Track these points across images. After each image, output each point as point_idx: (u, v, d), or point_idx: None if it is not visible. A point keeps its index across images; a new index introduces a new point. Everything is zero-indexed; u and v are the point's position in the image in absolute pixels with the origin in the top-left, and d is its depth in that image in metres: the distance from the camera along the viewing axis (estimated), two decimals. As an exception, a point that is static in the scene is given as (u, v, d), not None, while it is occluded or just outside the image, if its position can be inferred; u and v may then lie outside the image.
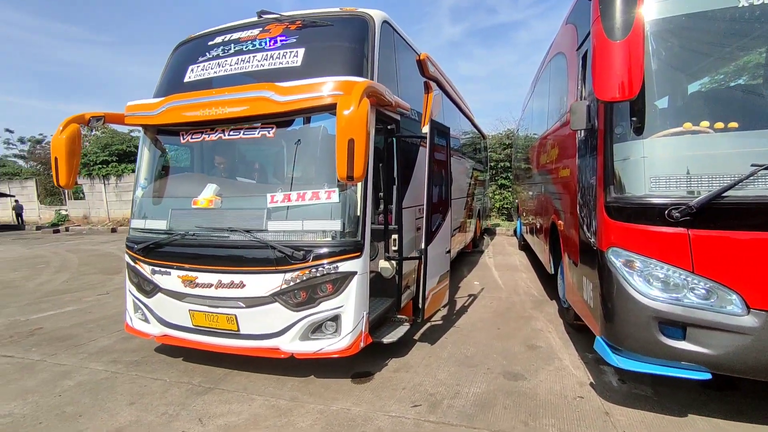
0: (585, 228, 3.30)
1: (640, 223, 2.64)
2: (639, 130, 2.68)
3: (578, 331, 4.56)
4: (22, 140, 31.56)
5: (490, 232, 15.10)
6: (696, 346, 2.54)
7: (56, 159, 3.69)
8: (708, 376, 2.58)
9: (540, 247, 6.64)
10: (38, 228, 20.73)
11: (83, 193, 22.00)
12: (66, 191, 23.05)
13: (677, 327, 2.59)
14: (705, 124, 2.60)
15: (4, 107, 62.93)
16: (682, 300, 2.57)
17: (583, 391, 3.32)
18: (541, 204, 6.29)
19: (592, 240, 3.09)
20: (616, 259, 2.75)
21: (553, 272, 5.58)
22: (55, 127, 3.74)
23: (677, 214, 2.50)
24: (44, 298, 6.80)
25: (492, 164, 17.22)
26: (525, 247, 10.44)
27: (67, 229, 19.96)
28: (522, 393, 3.32)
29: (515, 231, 14.02)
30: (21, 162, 31.29)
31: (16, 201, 22.60)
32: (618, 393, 3.27)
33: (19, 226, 21.72)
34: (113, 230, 18.75)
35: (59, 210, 23.03)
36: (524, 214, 9.70)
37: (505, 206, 17.66)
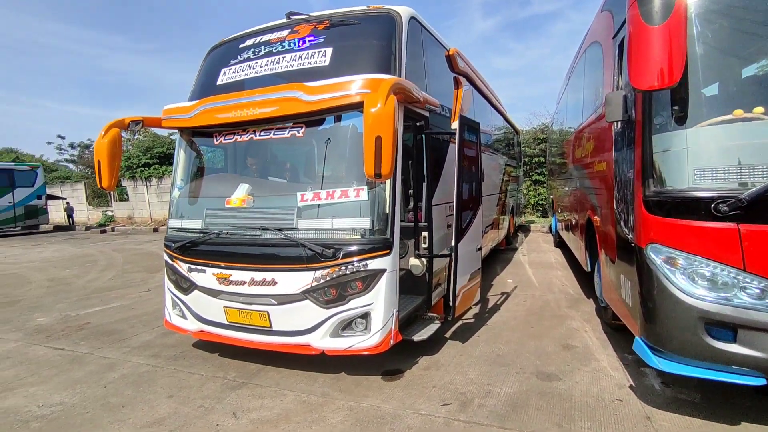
0: (622, 223, 3.16)
1: (683, 218, 2.50)
2: (681, 120, 2.53)
3: (617, 331, 4.39)
4: (72, 145, 33.47)
5: (525, 229, 14.77)
6: (748, 349, 2.38)
7: (99, 162, 3.87)
8: (763, 381, 2.41)
9: (576, 243, 6.43)
10: (87, 228, 21.91)
11: (127, 195, 23.07)
12: (111, 193, 24.24)
13: (727, 329, 2.43)
14: (759, 110, 2.43)
15: (57, 115, 67.10)
16: (732, 300, 2.41)
17: (622, 393, 3.19)
18: (577, 199, 6.09)
19: (630, 236, 2.95)
20: (656, 256, 2.61)
21: (589, 270, 5.39)
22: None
23: (725, 208, 2.34)
24: (92, 294, 7.17)
25: (526, 160, 16.83)
26: (560, 244, 10.15)
27: (113, 230, 20.99)
28: (556, 394, 3.22)
29: (550, 228, 13.67)
30: (71, 166, 33.18)
31: (68, 203, 23.96)
32: (661, 397, 3.12)
33: (70, 226, 23.03)
34: (155, 230, 19.56)
35: (106, 211, 24.25)
36: (559, 210, 9.43)
37: (540, 202, 17.24)
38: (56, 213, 24.80)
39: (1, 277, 9.07)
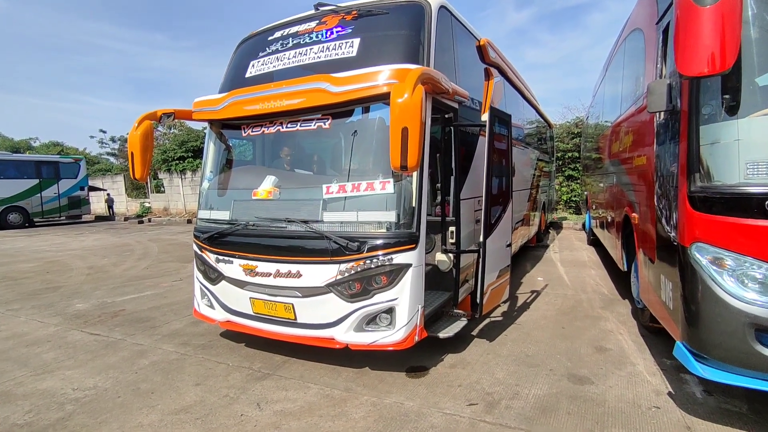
0: (664, 221, 2.97)
1: (732, 216, 2.32)
2: (732, 110, 2.34)
3: (654, 335, 4.17)
4: (113, 139, 34.85)
5: (557, 225, 14.36)
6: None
7: (132, 153, 3.96)
8: (817, 393, 2.22)
9: (611, 242, 6.17)
10: (125, 219, 22.83)
11: (164, 187, 23.87)
12: (149, 185, 25.17)
13: None
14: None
15: (100, 110, 70.07)
16: None
17: (660, 401, 3.02)
18: (613, 196, 5.82)
19: (672, 234, 2.77)
20: (702, 256, 2.43)
21: (625, 269, 5.16)
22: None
23: None
24: (128, 282, 7.42)
25: (559, 155, 16.34)
26: (594, 242, 9.81)
27: (149, 220, 21.77)
28: (588, 398, 3.08)
29: (584, 225, 13.23)
30: (112, 159, 34.58)
31: (108, 194, 25.00)
32: (703, 406, 2.93)
33: (110, 217, 24.04)
34: (189, 221, 20.14)
35: (143, 202, 25.19)
36: (594, 207, 9.09)
37: (573, 198, 16.72)
38: (97, 204, 25.92)
39: (46, 264, 9.53)
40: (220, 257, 3.96)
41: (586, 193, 11.01)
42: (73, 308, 5.82)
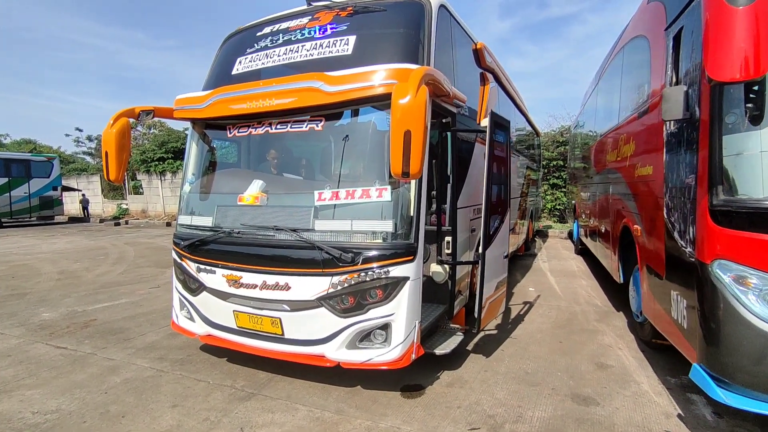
0: (677, 235, 2.83)
1: (759, 232, 2.17)
2: (757, 119, 2.21)
3: (654, 350, 4.05)
4: (90, 138, 33.76)
5: (542, 234, 14.37)
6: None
7: (106, 153, 3.65)
8: None
9: (605, 253, 6.07)
10: (101, 221, 22.03)
11: (142, 189, 23.14)
12: (126, 186, 24.39)
13: None
14: None
15: (76, 108, 68.09)
16: None
17: (671, 424, 2.86)
18: (607, 206, 5.73)
19: (688, 250, 2.62)
20: (724, 273, 2.29)
21: (621, 282, 5.05)
22: None
23: None
24: (101, 289, 7.01)
25: (544, 163, 16.39)
26: (583, 251, 9.77)
27: (126, 222, 21.05)
28: (596, 421, 2.90)
29: (569, 234, 13.25)
30: (89, 158, 33.47)
31: (83, 195, 24.13)
32: (714, 430, 2.78)
33: (84, 218, 23.18)
34: (168, 224, 19.53)
35: (120, 204, 24.38)
36: (583, 216, 9.04)
37: (557, 207, 16.80)
38: (72, 205, 25.01)
39: (12, 268, 9.00)
40: (202, 266, 3.67)
41: (573, 202, 10.99)
42: (39, 318, 5.41)
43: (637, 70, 4.21)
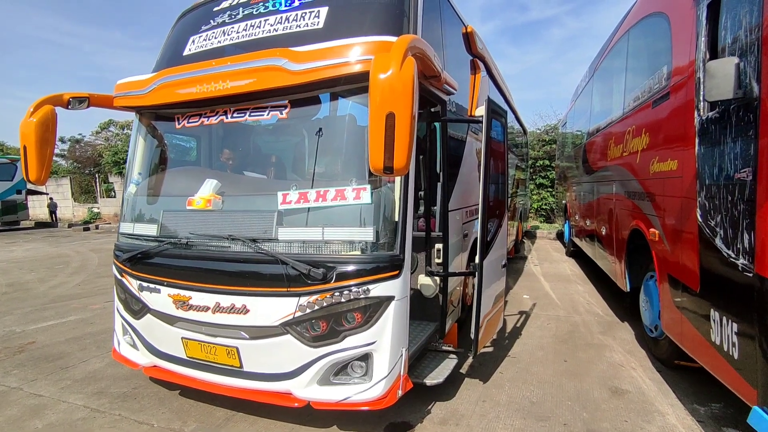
0: (719, 242, 2.33)
1: None
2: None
3: (673, 370, 3.57)
4: (62, 139, 32.26)
5: (531, 235, 13.99)
6: None
7: (25, 148, 2.99)
8: None
9: (606, 257, 5.59)
10: (70, 226, 20.87)
11: (115, 192, 22.07)
12: (98, 189, 23.27)
13: None
14: None
15: (48, 108, 65.55)
16: None
17: (714, 473, 2.36)
18: (611, 207, 5.25)
19: (741, 262, 2.12)
20: (799, 294, 1.78)
21: (628, 290, 4.57)
22: (93, 127, 3.05)
23: None
24: (50, 304, 6.27)
25: (530, 162, 16.05)
26: (575, 253, 9.36)
27: (97, 227, 19.99)
28: (623, 471, 2.38)
29: (558, 235, 12.88)
30: (60, 160, 31.98)
31: (51, 199, 22.88)
32: (768, 480, 2.28)
33: (52, 223, 21.98)
34: (141, 229, 18.59)
35: (92, 208, 23.24)
36: (576, 217, 8.61)
37: (543, 207, 16.49)
38: (40, 209, 23.74)
39: (-44, 280, 8.14)
40: (144, 284, 3.05)
41: (564, 202, 10.58)
42: (-33, 342, 4.68)
43: (651, 52, 3.73)
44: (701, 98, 2.58)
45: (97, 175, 23.94)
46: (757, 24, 1.99)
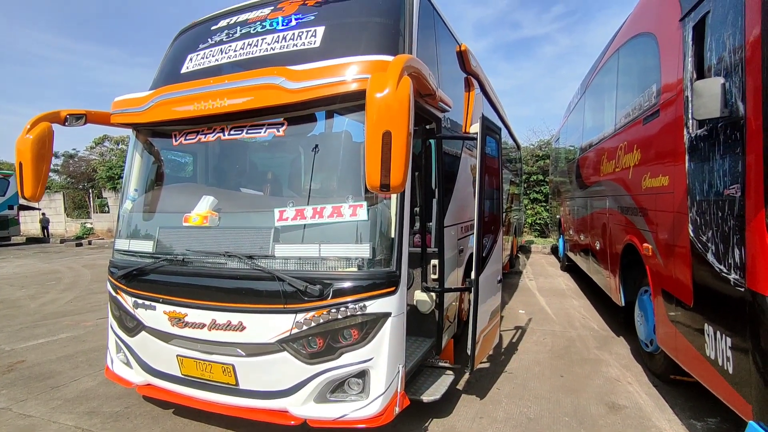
0: (711, 257, 2.36)
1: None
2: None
3: (669, 384, 3.57)
4: (56, 155, 32.17)
5: (525, 249, 14.03)
6: None
7: (21, 165, 3.00)
8: None
9: (600, 272, 5.63)
10: (62, 241, 20.68)
11: (108, 207, 21.94)
12: (92, 205, 23.12)
13: None
14: None
15: (42, 124, 65.49)
16: None
17: (713, 489, 2.35)
18: (604, 222, 5.31)
19: (732, 276, 2.15)
20: (790, 309, 1.81)
21: (623, 305, 4.59)
22: (87, 142, 3.07)
23: None
24: (41, 321, 6.18)
25: (524, 177, 16.19)
26: (569, 268, 9.39)
27: (89, 243, 19.82)
28: (622, 488, 2.37)
29: (552, 249, 12.94)
30: (54, 175, 31.85)
31: (43, 214, 22.71)
32: (766, 496, 2.28)
33: (45, 239, 21.77)
34: (134, 244, 18.44)
35: (84, 223, 23.05)
36: (570, 231, 8.67)
37: (538, 222, 16.58)
38: (32, 224, 23.54)
39: (-55, 297, 8.01)
40: (140, 301, 3.03)
41: (558, 216, 10.66)
42: (-45, 361, 4.59)
43: (641, 70, 3.83)
44: (690, 116, 2.64)
45: (90, 191, 23.82)
46: (740, 45, 2.06)
